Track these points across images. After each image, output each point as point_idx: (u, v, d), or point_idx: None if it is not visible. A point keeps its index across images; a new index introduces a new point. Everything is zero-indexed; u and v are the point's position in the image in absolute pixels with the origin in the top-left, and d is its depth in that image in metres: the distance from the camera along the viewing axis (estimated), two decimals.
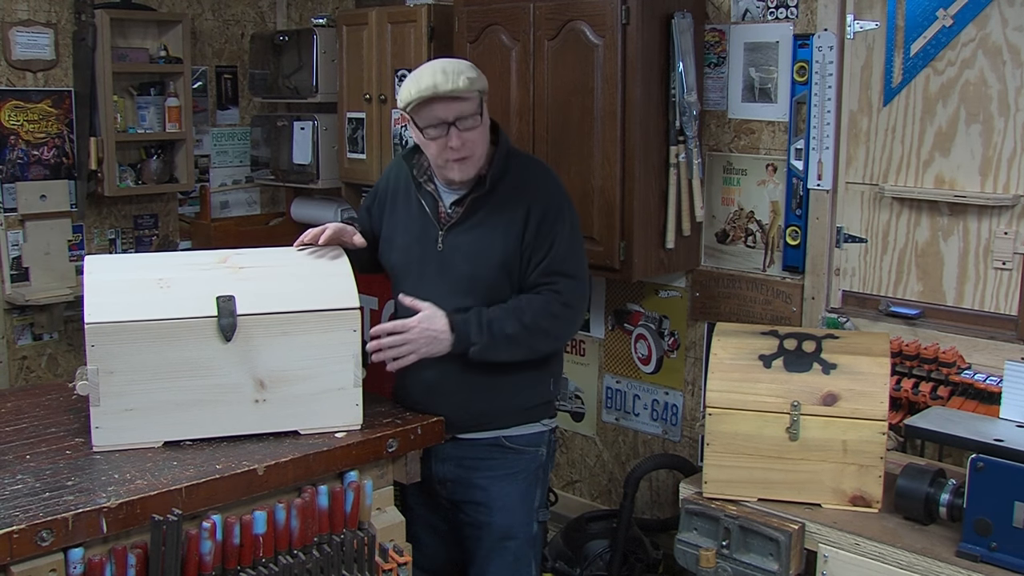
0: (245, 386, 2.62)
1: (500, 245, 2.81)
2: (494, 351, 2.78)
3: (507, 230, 2.82)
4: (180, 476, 2.38)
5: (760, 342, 2.87)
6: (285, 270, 2.80)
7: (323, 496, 2.53)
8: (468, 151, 2.77)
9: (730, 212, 3.72)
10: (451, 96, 2.71)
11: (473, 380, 2.85)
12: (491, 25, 3.82)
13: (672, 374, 3.99)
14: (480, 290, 2.81)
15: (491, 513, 2.95)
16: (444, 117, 2.73)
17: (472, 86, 2.74)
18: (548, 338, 2.86)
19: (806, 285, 3.50)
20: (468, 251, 2.83)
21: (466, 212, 2.84)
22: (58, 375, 4.88)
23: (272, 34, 5.22)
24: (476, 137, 2.78)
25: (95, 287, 2.61)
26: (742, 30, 3.60)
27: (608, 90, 3.47)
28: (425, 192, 2.91)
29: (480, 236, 2.83)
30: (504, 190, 2.85)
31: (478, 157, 2.81)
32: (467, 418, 2.89)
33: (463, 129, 2.74)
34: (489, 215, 2.83)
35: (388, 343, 2.75)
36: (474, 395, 2.87)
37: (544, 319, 2.81)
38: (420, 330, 2.74)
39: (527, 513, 2.99)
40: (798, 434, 2.70)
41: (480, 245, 2.82)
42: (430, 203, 2.89)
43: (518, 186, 2.86)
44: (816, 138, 3.38)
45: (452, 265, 2.84)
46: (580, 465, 4.38)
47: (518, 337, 2.78)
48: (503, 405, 2.91)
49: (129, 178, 4.97)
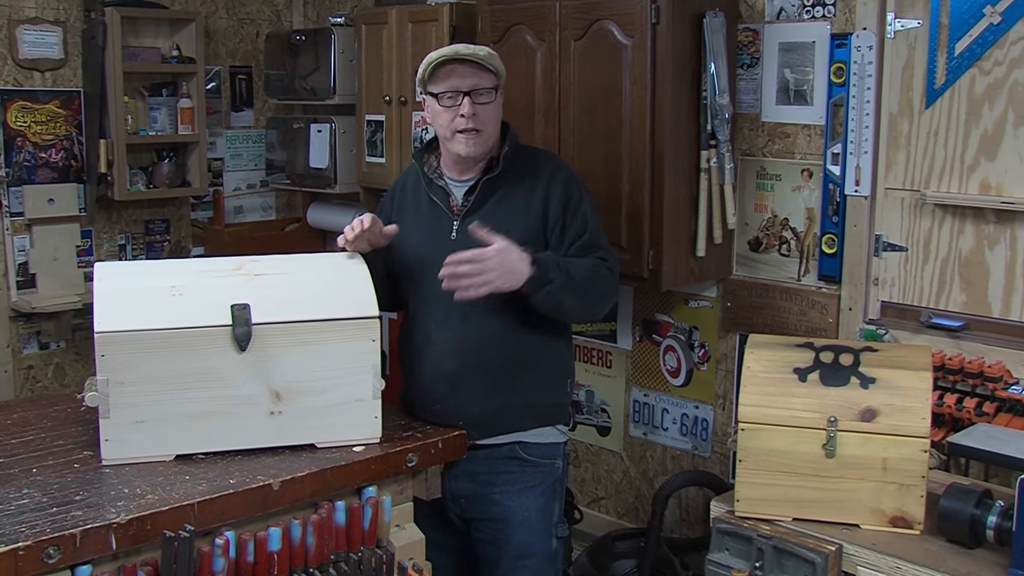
0: (260, 398, 2.62)
1: (519, 225, 2.86)
2: (565, 294, 2.80)
3: (526, 210, 2.89)
4: (192, 491, 2.38)
5: (795, 354, 2.85)
6: (302, 277, 2.81)
7: (340, 512, 2.52)
8: (479, 123, 2.84)
9: (763, 219, 3.71)
10: (470, 62, 2.82)
11: (493, 375, 2.88)
12: (516, 25, 3.82)
13: (702, 387, 3.97)
14: None
15: (509, 529, 2.95)
16: (459, 85, 2.83)
17: (491, 59, 2.86)
18: (600, 299, 2.92)
19: (843, 295, 3.48)
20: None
21: (480, 197, 2.91)
22: (65, 385, 4.90)
23: (288, 33, 5.25)
24: (489, 113, 2.86)
25: (105, 294, 2.62)
26: (777, 29, 3.58)
27: (637, 92, 3.47)
28: (436, 188, 2.96)
29: (497, 219, 2.86)
30: (517, 172, 2.92)
31: (487, 136, 2.87)
32: (486, 416, 2.90)
33: (477, 101, 2.83)
34: (504, 197, 2.91)
35: (465, 271, 2.70)
36: (494, 390, 2.89)
37: (597, 280, 2.87)
38: (499, 260, 2.71)
39: (546, 529, 3.00)
40: (835, 451, 2.68)
41: (498, 228, 2.84)
42: (441, 197, 2.95)
43: (530, 167, 2.94)
44: (854, 142, 3.36)
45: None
46: (606, 481, 4.37)
47: (583, 286, 2.83)
48: (521, 402, 2.93)
49: (140, 182, 4.99)
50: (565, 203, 2.90)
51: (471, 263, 2.69)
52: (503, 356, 2.88)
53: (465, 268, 2.69)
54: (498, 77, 2.89)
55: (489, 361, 2.87)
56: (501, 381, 2.89)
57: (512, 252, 2.72)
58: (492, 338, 2.87)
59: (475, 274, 2.69)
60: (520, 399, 2.93)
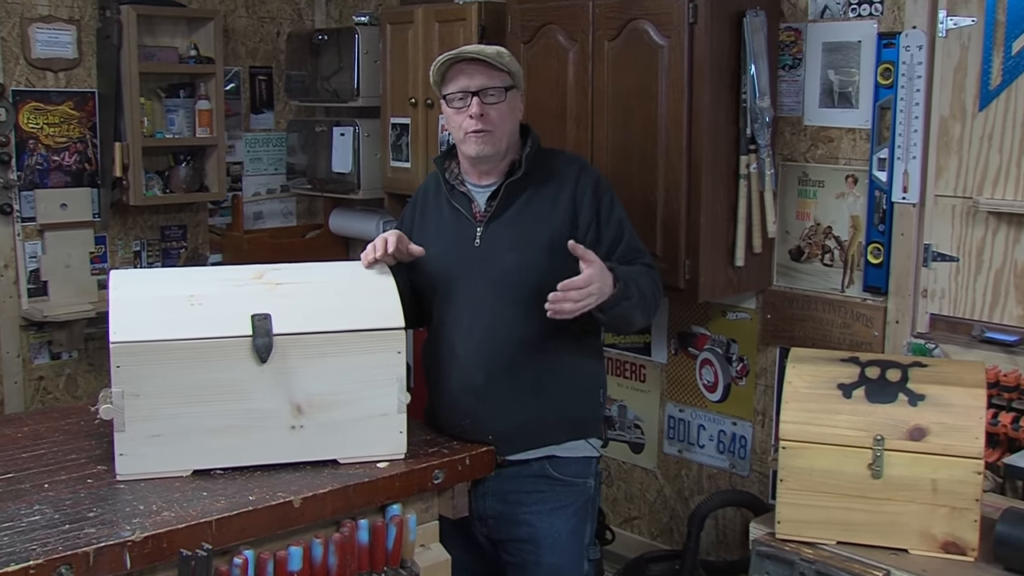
0: (281, 411, 2.62)
1: (545, 229, 2.87)
2: (637, 309, 2.83)
3: (552, 214, 2.90)
4: (210, 508, 2.38)
5: (839, 369, 2.84)
6: (325, 287, 2.81)
7: (363, 531, 2.52)
8: (488, 124, 2.85)
9: (805, 227, 3.69)
10: (476, 61, 2.84)
11: (522, 385, 2.88)
12: (547, 24, 3.82)
13: (741, 403, 3.96)
14: (529, 279, 2.83)
15: (539, 551, 2.94)
16: (467, 85, 2.84)
17: (501, 58, 2.86)
18: (656, 310, 2.96)
19: (889, 308, 3.46)
20: (511, 240, 2.88)
21: (503, 201, 2.91)
22: (77, 397, 4.93)
23: (310, 33, 5.27)
24: (499, 114, 2.86)
25: (121, 303, 2.62)
26: (820, 29, 3.57)
27: (673, 95, 3.46)
28: (458, 194, 2.97)
29: (522, 223, 2.89)
30: (540, 174, 2.94)
31: (499, 136, 2.88)
32: (516, 429, 2.90)
33: (486, 102, 2.84)
34: (529, 201, 2.92)
35: (575, 296, 2.70)
36: (524, 402, 2.89)
37: (656, 290, 2.92)
38: (600, 284, 2.72)
39: (577, 551, 2.98)
40: (882, 471, 2.66)
41: (524, 232, 2.87)
42: (463, 204, 2.96)
43: (554, 169, 2.95)
44: (902, 147, 3.34)
45: (495, 258, 2.89)
46: (639, 500, 4.35)
47: (650, 299, 2.87)
48: (553, 413, 2.92)
49: (156, 186, 5.01)
50: (597, 207, 2.91)
51: (580, 289, 2.69)
52: (532, 367, 2.88)
53: (575, 294, 2.69)
54: (512, 76, 2.89)
55: (518, 372, 2.87)
56: (531, 393, 2.89)
57: (605, 268, 2.74)
58: (520, 349, 2.87)
59: (580, 299, 2.70)
60: (551, 410, 2.92)
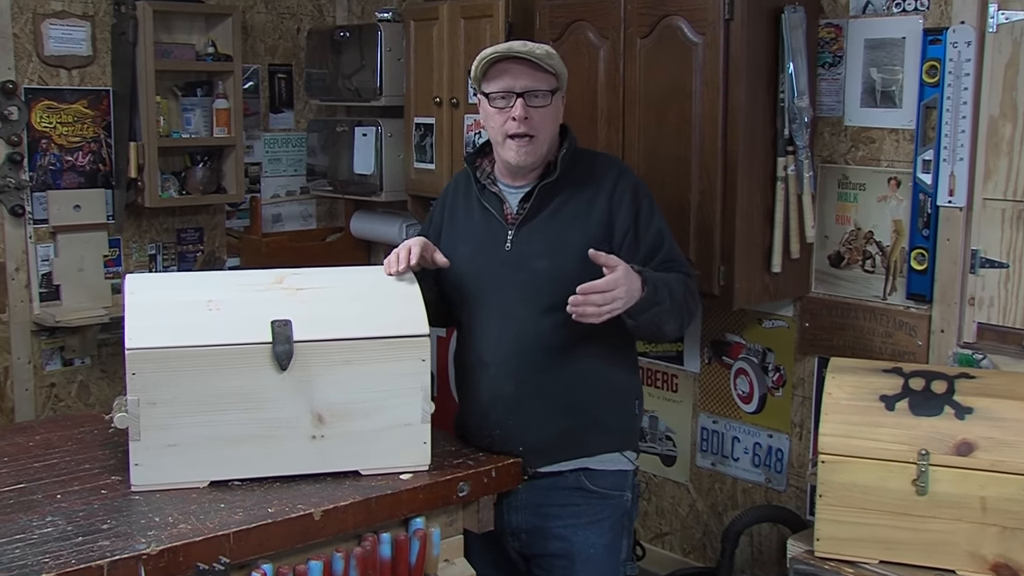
0: (301, 421, 2.63)
1: (579, 235, 2.85)
2: (668, 315, 2.80)
3: (587, 218, 2.87)
4: (228, 520, 2.39)
5: (881, 380, 2.83)
6: (347, 292, 2.82)
7: (386, 545, 2.53)
8: (531, 128, 2.82)
9: (846, 232, 3.68)
10: (524, 60, 2.80)
11: (554, 396, 2.87)
12: (577, 21, 3.82)
13: (777, 414, 3.94)
14: (562, 286, 2.79)
15: (573, 567, 2.93)
16: (512, 86, 2.82)
17: (549, 59, 2.83)
18: (691, 319, 2.94)
19: (934, 316, 3.43)
20: (544, 245, 2.87)
21: (536, 204, 2.89)
22: (89, 405, 4.96)
23: (331, 29, 5.29)
24: (543, 118, 2.84)
25: (137, 308, 2.64)
26: (862, 25, 3.56)
27: (708, 94, 3.45)
28: (489, 195, 2.96)
29: (556, 227, 2.87)
30: (577, 177, 2.91)
31: (540, 142, 2.86)
32: (549, 440, 2.89)
33: (531, 105, 2.81)
34: (563, 204, 2.89)
35: (597, 300, 2.67)
36: (556, 412, 2.88)
37: (691, 298, 2.89)
38: (627, 285, 2.69)
39: (613, 567, 2.97)
40: (927, 487, 2.65)
41: (557, 237, 2.85)
42: (495, 205, 2.95)
43: (591, 172, 2.93)
44: (948, 148, 3.32)
45: (526, 263, 2.87)
46: (671, 515, 4.34)
47: (683, 306, 2.84)
48: (587, 424, 2.91)
49: (172, 188, 5.03)
50: (635, 214, 2.89)
51: (603, 293, 2.67)
52: (565, 376, 2.87)
53: (597, 298, 2.68)
54: (558, 79, 2.87)
55: (550, 382, 2.86)
56: (564, 403, 2.88)
57: (631, 272, 2.72)
58: (551, 358, 2.86)
59: (604, 303, 2.68)
60: (585, 421, 2.91)
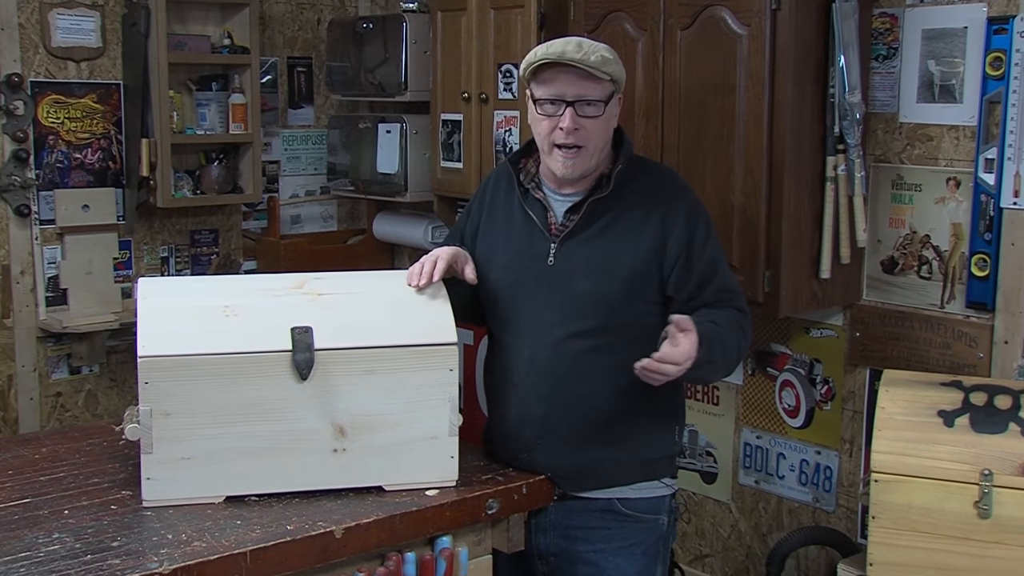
0: (322, 433, 2.63)
1: (628, 257, 2.82)
2: (718, 368, 2.81)
3: (637, 239, 2.83)
4: (244, 538, 2.40)
5: (939, 395, 2.82)
6: (370, 298, 2.82)
7: (410, 565, 2.54)
8: (580, 139, 2.78)
9: (900, 236, 3.66)
10: (576, 67, 2.74)
11: (588, 423, 2.85)
12: (613, 12, 3.82)
13: (825, 429, 3.92)
14: (603, 310, 2.81)
15: None
16: (562, 93, 2.77)
17: (605, 66, 2.77)
18: (741, 359, 2.92)
19: (997, 326, 3.41)
20: (589, 265, 2.83)
21: (584, 219, 2.85)
22: (97, 415, 4.98)
23: (354, 20, 5.30)
24: (594, 128, 2.79)
25: (150, 314, 2.65)
26: (920, 14, 3.54)
27: (753, 89, 3.44)
28: (532, 200, 2.92)
29: (603, 247, 2.83)
30: (631, 194, 2.87)
31: (590, 154, 2.82)
32: (579, 469, 2.88)
33: (581, 114, 2.77)
34: (613, 222, 2.85)
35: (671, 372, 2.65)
36: (589, 441, 2.86)
37: (743, 339, 2.87)
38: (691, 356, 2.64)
39: None
40: (990, 511, 2.63)
41: (604, 257, 2.82)
42: (538, 212, 2.91)
43: (647, 189, 2.88)
44: (1013, 146, 3.30)
45: (568, 282, 2.84)
46: (712, 536, 4.33)
47: (735, 354, 2.83)
48: (623, 455, 2.89)
49: (186, 187, 5.05)
50: (689, 239, 2.83)
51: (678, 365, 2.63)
52: (601, 403, 2.83)
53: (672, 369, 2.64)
54: (614, 84, 2.81)
55: (584, 408, 2.83)
56: (599, 431, 2.85)
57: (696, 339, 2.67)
58: (588, 381, 2.83)
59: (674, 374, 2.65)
60: (621, 452, 2.88)
